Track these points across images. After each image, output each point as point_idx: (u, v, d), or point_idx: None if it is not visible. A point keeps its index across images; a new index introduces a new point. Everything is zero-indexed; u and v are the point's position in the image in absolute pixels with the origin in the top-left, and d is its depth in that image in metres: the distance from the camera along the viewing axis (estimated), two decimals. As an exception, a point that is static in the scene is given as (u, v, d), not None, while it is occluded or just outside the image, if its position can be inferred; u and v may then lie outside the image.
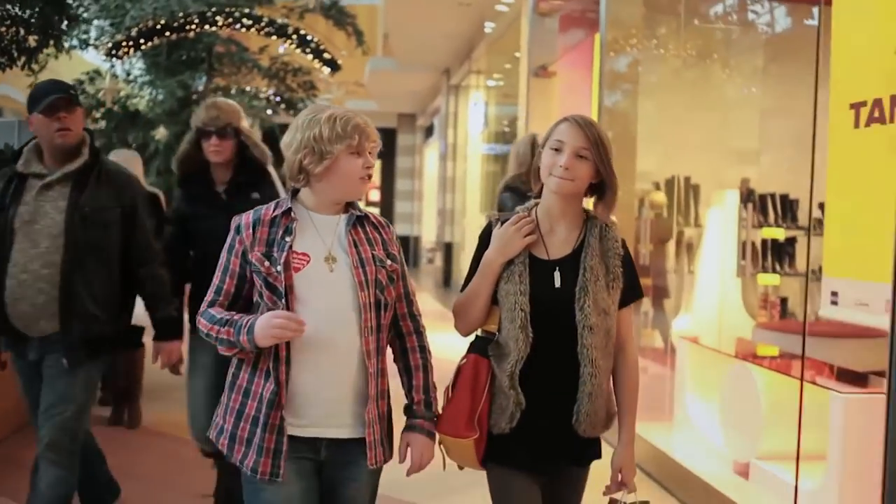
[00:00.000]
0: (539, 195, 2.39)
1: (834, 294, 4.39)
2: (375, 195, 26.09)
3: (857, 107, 4.18)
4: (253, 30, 13.18)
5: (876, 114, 4.00)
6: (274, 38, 13.38)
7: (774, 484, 4.39)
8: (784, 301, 6.49)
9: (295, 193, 2.35)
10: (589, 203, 2.54)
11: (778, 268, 6.45)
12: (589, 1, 7.59)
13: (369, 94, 21.21)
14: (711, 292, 6.54)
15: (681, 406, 5.71)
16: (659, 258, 7.07)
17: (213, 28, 12.82)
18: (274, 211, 2.30)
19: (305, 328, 2.17)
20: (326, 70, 13.67)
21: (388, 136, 25.49)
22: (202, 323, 2.30)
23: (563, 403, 2.31)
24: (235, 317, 2.24)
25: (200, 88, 13.58)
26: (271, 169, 4.15)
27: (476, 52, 14.20)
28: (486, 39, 13.13)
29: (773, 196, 6.62)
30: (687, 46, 7.03)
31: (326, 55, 13.49)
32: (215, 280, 2.34)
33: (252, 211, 2.32)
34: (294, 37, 13.21)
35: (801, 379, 4.31)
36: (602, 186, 2.34)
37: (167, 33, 12.08)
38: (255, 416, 2.23)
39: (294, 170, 2.27)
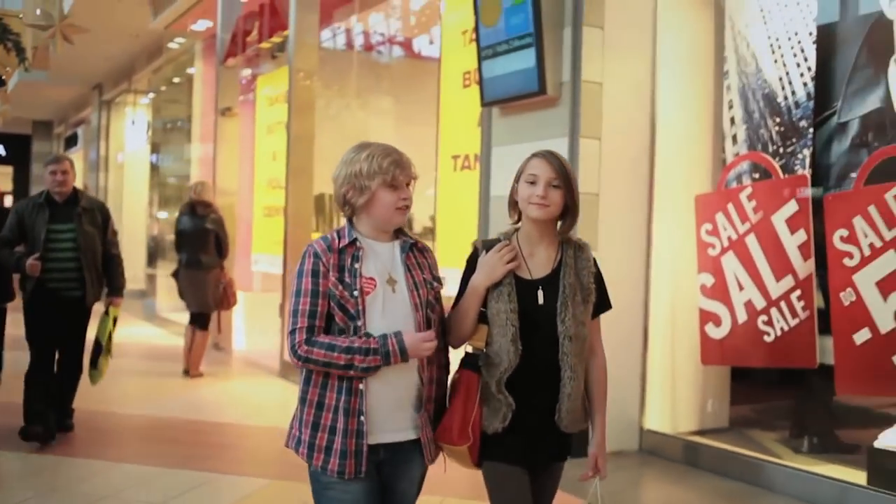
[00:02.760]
0: (517, 222, 2.64)
1: (441, 278, 7.03)
2: (8, 201, 25.48)
3: (455, 157, 6.83)
4: None
5: (466, 163, 6.64)
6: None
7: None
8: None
9: (350, 223, 2.47)
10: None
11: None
12: (260, 57, 9.75)
13: (5, 101, 21.06)
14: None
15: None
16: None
17: None
18: (341, 241, 2.41)
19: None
20: (-11, 85, 14.20)
21: (24, 142, 25.14)
22: (316, 353, 2.35)
23: (547, 403, 2.53)
24: (362, 344, 2.34)
25: None
26: None
27: (137, 74, 15.55)
28: (152, 66, 14.58)
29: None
30: (343, 93, 9.42)
31: (-12, 70, 14.03)
32: (303, 306, 2.38)
33: (321, 239, 2.45)
34: (-44, 52, 13.59)
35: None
36: (566, 211, 2.58)
37: None
38: (331, 426, 2.37)
39: (339, 202, 2.45)
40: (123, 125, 17.78)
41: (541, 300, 2.53)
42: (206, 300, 7.92)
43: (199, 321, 7.90)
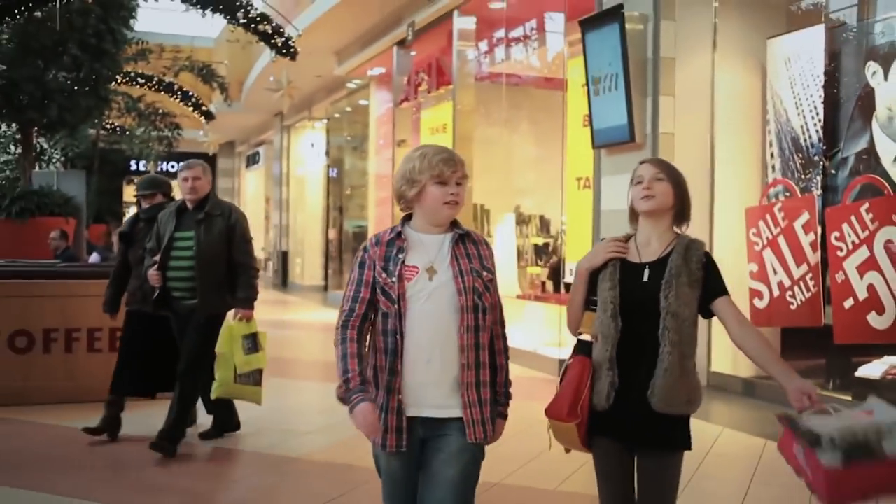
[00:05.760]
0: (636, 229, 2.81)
1: (572, 270, 9.39)
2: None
3: (579, 179, 9.18)
4: (145, 87, 16.85)
5: (586, 184, 8.98)
6: (162, 93, 17.09)
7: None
8: (544, 283, 11.48)
9: (408, 219, 2.67)
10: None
11: (539, 261, 11.48)
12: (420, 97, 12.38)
13: (198, 125, 24.76)
14: (501, 279, 11.44)
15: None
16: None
17: (113, 84, 16.28)
18: (389, 234, 2.62)
19: (377, 435, 2.56)
20: (203, 120, 17.59)
21: (209, 160, 29.01)
22: (340, 347, 2.57)
23: (645, 380, 2.63)
24: (354, 379, 2.52)
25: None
26: None
27: (316, 105, 18.62)
28: (330, 99, 17.58)
29: (535, 216, 11.70)
30: (496, 120, 11.91)
31: (204, 107, 17.41)
32: (349, 293, 2.62)
33: (374, 235, 2.67)
34: (179, 93, 16.99)
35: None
36: (678, 208, 2.76)
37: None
38: (381, 404, 2.57)
39: (396, 197, 2.66)
40: (302, 146, 20.99)
41: (645, 278, 2.69)
42: None
43: None
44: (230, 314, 5.49)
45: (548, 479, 4.68)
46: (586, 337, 2.78)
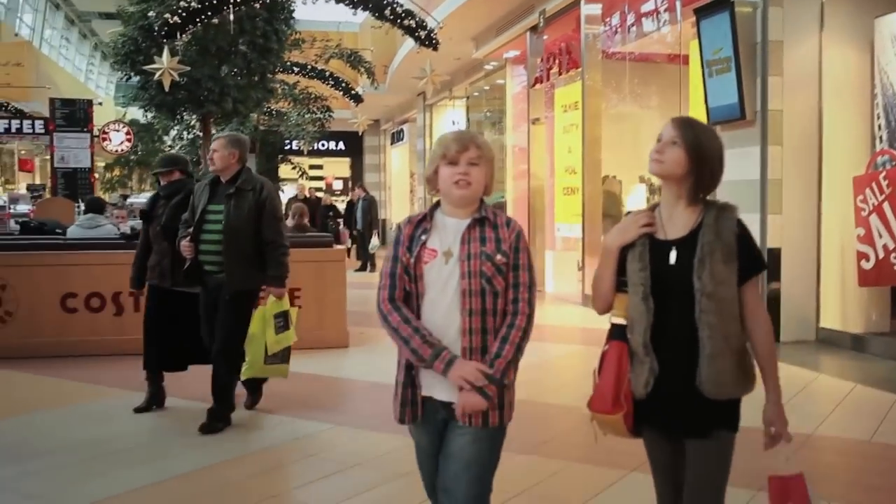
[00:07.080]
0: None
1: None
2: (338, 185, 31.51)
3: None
4: (299, 75, 18.36)
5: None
6: (314, 79, 18.58)
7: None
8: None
9: (438, 203, 2.68)
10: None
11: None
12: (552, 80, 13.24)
13: (346, 105, 26.31)
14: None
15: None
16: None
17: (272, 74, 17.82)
18: (419, 216, 2.67)
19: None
20: (352, 103, 19.01)
21: (357, 138, 30.65)
22: (393, 317, 2.59)
23: (688, 367, 2.45)
24: (430, 338, 2.54)
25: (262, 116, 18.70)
26: None
27: (456, 86, 19.73)
28: (469, 80, 18.65)
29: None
30: (625, 96, 12.66)
31: (353, 91, 18.79)
32: (385, 269, 2.66)
33: (407, 216, 2.71)
34: (330, 79, 18.43)
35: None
36: (695, 175, 2.49)
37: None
38: (400, 381, 2.68)
39: (426, 180, 2.70)
40: (443, 123, 22.18)
41: (672, 260, 2.50)
42: None
43: None
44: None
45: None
46: (620, 320, 2.61)
